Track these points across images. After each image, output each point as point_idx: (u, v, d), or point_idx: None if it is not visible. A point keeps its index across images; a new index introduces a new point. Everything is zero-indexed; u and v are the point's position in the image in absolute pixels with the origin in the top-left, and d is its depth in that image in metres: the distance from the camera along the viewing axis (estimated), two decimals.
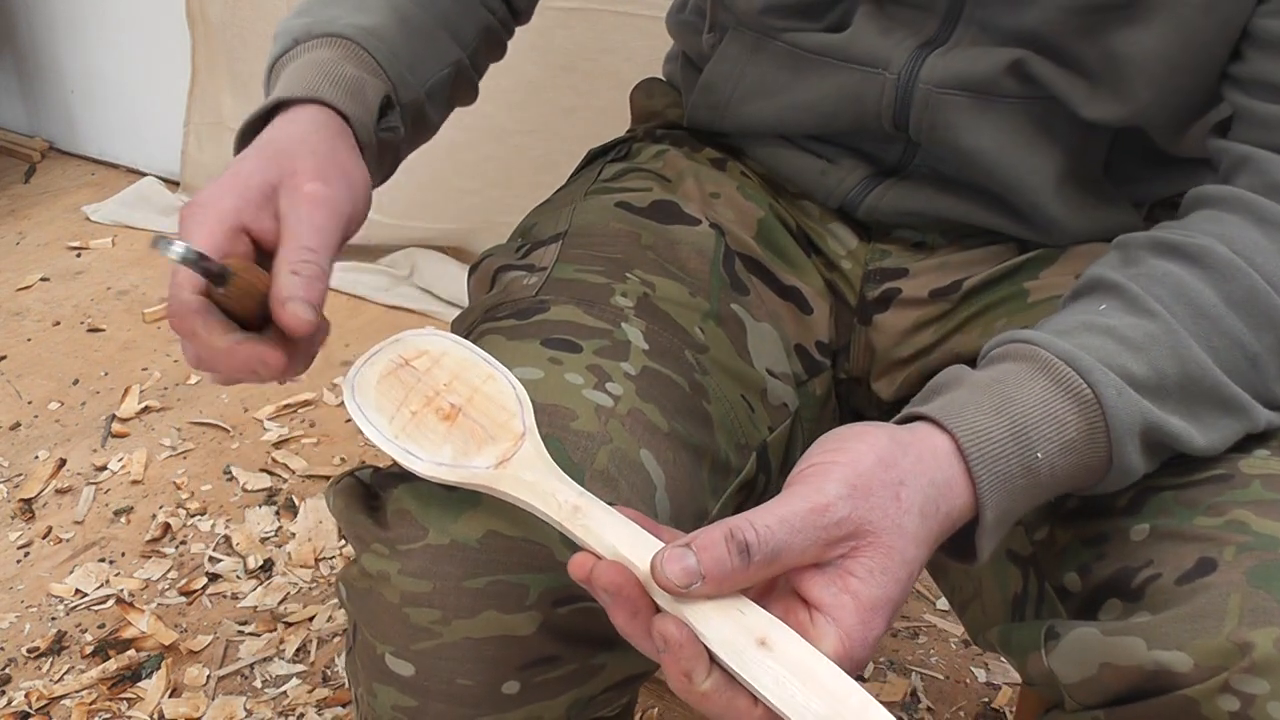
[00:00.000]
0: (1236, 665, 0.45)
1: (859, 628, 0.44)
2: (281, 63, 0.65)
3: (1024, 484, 0.49)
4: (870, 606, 0.44)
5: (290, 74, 0.63)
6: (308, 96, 0.61)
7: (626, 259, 0.69)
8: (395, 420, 0.51)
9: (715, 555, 0.43)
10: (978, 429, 0.49)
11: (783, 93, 0.73)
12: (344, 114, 0.61)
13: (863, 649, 0.44)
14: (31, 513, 1.39)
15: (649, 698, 1.05)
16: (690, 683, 0.43)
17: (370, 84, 0.64)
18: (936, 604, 1.30)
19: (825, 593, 0.45)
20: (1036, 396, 0.50)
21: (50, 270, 1.93)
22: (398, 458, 0.50)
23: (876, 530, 0.45)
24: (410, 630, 0.54)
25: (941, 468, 0.48)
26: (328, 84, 0.62)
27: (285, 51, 0.65)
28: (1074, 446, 0.50)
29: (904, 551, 0.46)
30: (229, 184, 0.55)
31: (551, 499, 0.47)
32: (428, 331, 0.55)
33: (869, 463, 0.46)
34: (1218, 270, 0.54)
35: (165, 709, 1.14)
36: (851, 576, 0.45)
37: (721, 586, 0.43)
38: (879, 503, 0.46)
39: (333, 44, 0.64)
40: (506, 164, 1.75)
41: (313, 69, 0.62)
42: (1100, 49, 0.63)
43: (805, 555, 0.45)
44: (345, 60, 0.64)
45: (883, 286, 0.75)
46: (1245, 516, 0.50)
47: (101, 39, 2.16)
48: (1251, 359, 0.54)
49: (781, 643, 0.43)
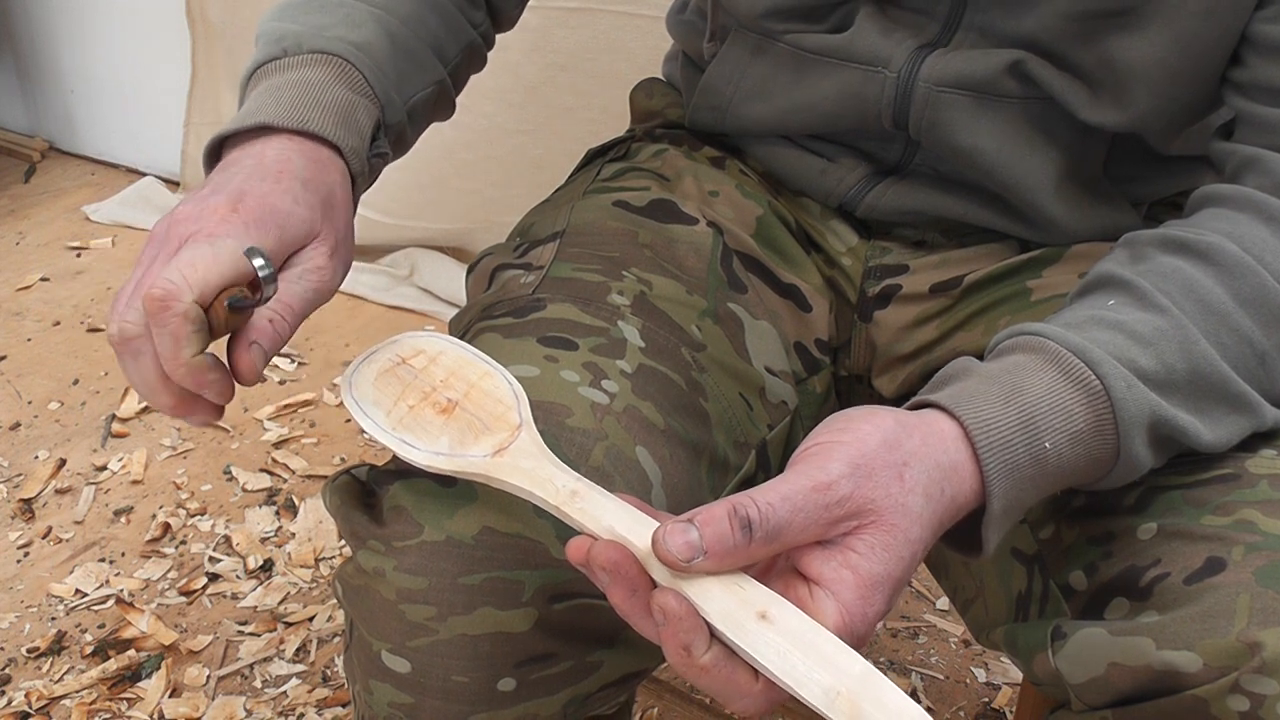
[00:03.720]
0: (1246, 665, 0.45)
1: (858, 603, 0.44)
2: (266, 71, 0.63)
3: (1031, 474, 0.49)
4: (870, 582, 0.44)
5: (279, 91, 0.60)
6: (306, 130, 0.58)
7: (624, 258, 0.69)
8: (392, 414, 0.52)
9: (718, 530, 0.43)
10: (986, 418, 0.49)
11: (784, 93, 0.73)
12: (338, 147, 0.60)
13: (863, 624, 0.44)
14: (31, 513, 1.39)
15: (649, 698, 1.05)
16: (690, 656, 0.43)
17: (362, 107, 0.62)
18: (936, 604, 1.29)
19: (825, 568, 0.44)
20: (1045, 387, 0.50)
21: (50, 270, 1.92)
22: (395, 448, 0.51)
23: (880, 509, 0.45)
24: (406, 627, 0.53)
25: (947, 451, 0.48)
26: (327, 115, 0.60)
27: (271, 59, 0.63)
28: (1082, 438, 0.50)
29: (907, 531, 0.45)
30: (273, 214, 0.54)
31: (549, 484, 0.48)
32: (424, 333, 0.55)
33: (873, 443, 0.46)
34: (1227, 267, 0.54)
35: (165, 709, 1.13)
36: (852, 552, 0.44)
37: (723, 562, 0.43)
38: (882, 482, 0.45)
39: (325, 63, 0.62)
40: (506, 164, 1.75)
41: (302, 91, 0.60)
42: (1098, 55, 0.63)
43: (807, 533, 0.44)
44: (337, 81, 0.62)
45: (883, 283, 0.74)
46: (1253, 516, 0.50)
47: (101, 39, 2.16)
48: (1260, 356, 0.54)
49: (782, 616, 0.43)
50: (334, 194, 0.58)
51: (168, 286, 0.50)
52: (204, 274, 0.51)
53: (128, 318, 0.51)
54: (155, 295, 0.50)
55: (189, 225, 0.53)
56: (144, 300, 0.50)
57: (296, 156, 0.57)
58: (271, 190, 0.55)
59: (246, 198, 0.54)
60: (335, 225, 0.58)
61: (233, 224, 0.53)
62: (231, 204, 0.54)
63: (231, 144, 0.60)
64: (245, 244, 0.52)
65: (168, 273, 0.51)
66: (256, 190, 0.55)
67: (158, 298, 0.50)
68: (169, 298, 0.50)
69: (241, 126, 0.59)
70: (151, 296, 0.50)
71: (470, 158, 1.76)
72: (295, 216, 0.55)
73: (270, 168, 0.56)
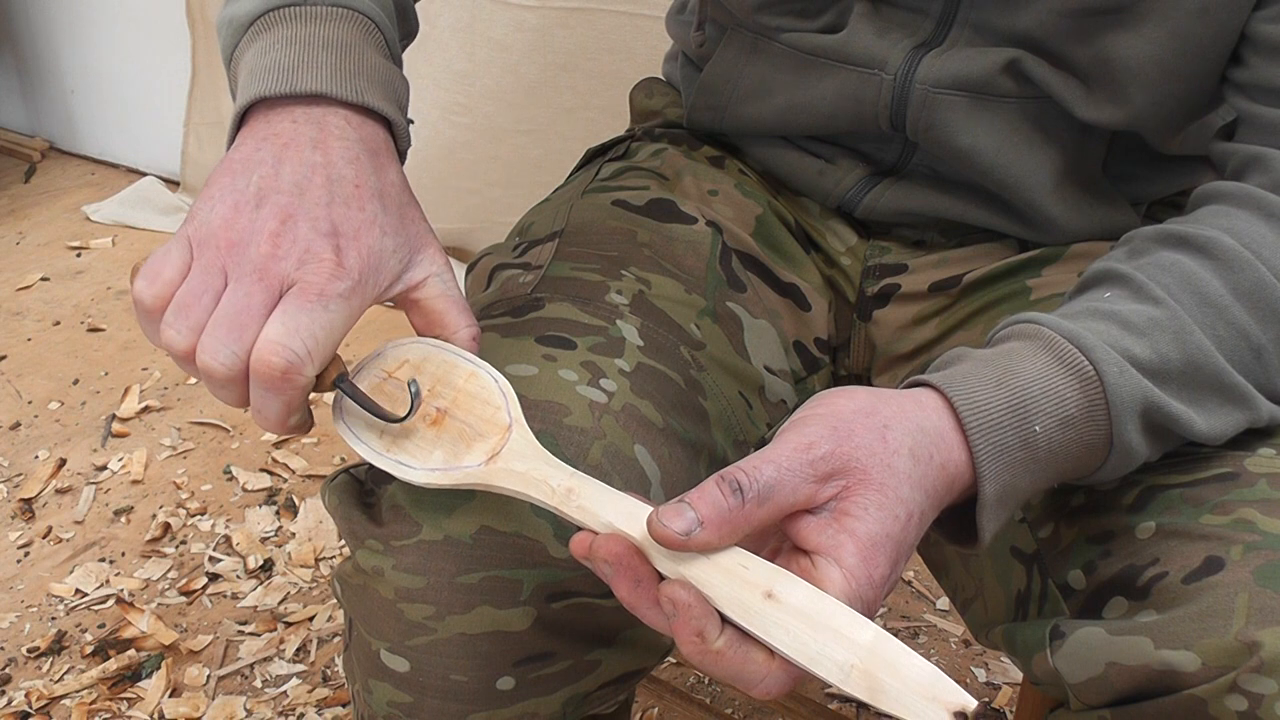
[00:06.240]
0: (1244, 665, 0.45)
1: (861, 566, 0.44)
2: (281, 17, 0.54)
3: (1022, 456, 0.49)
4: (870, 543, 0.44)
5: (310, 48, 0.53)
6: (363, 104, 0.53)
7: (622, 257, 0.69)
8: (385, 435, 0.51)
9: (710, 498, 0.43)
10: (977, 401, 0.49)
11: (781, 93, 0.73)
12: (390, 123, 0.55)
13: (870, 588, 0.44)
14: (31, 513, 1.39)
15: (649, 698, 1.05)
16: (704, 642, 0.43)
17: (397, 77, 0.57)
18: (936, 604, 1.29)
19: (823, 537, 0.44)
20: (1037, 371, 0.50)
21: (50, 270, 1.93)
22: (392, 471, 0.51)
23: (865, 467, 0.45)
24: (405, 626, 0.53)
25: (929, 416, 0.48)
26: (375, 86, 0.54)
27: (288, 3, 0.55)
28: (1073, 422, 0.50)
29: (897, 489, 0.45)
30: (373, 261, 0.50)
31: (544, 485, 0.47)
32: (406, 340, 0.54)
33: (850, 410, 0.47)
34: (1225, 261, 0.54)
35: (165, 709, 1.13)
36: (847, 516, 0.45)
37: (720, 530, 0.43)
38: (864, 442, 0.46)
39: (349, 20, 0.55)
40: (506, 164, 1.75)
41: (341, 53, 0.53)
42: (1094, 53, 0.63)
43: (798, 493, 0.44)
44: (366, 43, 0.55)
45: (882, 282, 0.74)
46: (1252, 515, 0.50)
47: (101, 39, 2.16)
48: (1256, 350, 0.54)
49: (788, 591, 0.43)
50: (402, 195, 0.53)
51: (291, 359, 0.47)
52: (325, 350, 0.48)
53: (219, 358, 0.47)
54: (276, 365, 0.47)
55: (282, 258, 0.48)
56: (259, 364, 0.47)
57: (363, 153, 0.52)
58: (360, 225, 0.50)
59: (342, 238, 0.49)
60: (414, 230, 0.53)
61: (342, 281, 0.48)
62: (333, 247, 0.49)
63: (271, 104, 0.53)
64: (356, 308, 0.49)
65: (289, 339, 0.47)
66: (347, 225, 0.50)
67: (280, 369, 0.47)
68: (293, 371, 0.47)
69: (294, 91, 0.52)
70: (271, 366, 0.47)
71: (470, 158, 1.76)
72: (387, 252, 0.51)
73: (345, 176, 0.51)
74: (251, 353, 0.47)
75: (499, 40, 1.67)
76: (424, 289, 0.53)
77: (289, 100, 0.52)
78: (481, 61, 1.69)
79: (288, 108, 0.52)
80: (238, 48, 0.56)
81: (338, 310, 0.48)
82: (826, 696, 1.14)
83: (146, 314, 0.49)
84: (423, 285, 0.53)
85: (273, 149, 0.51)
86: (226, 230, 0.49)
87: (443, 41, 1.70)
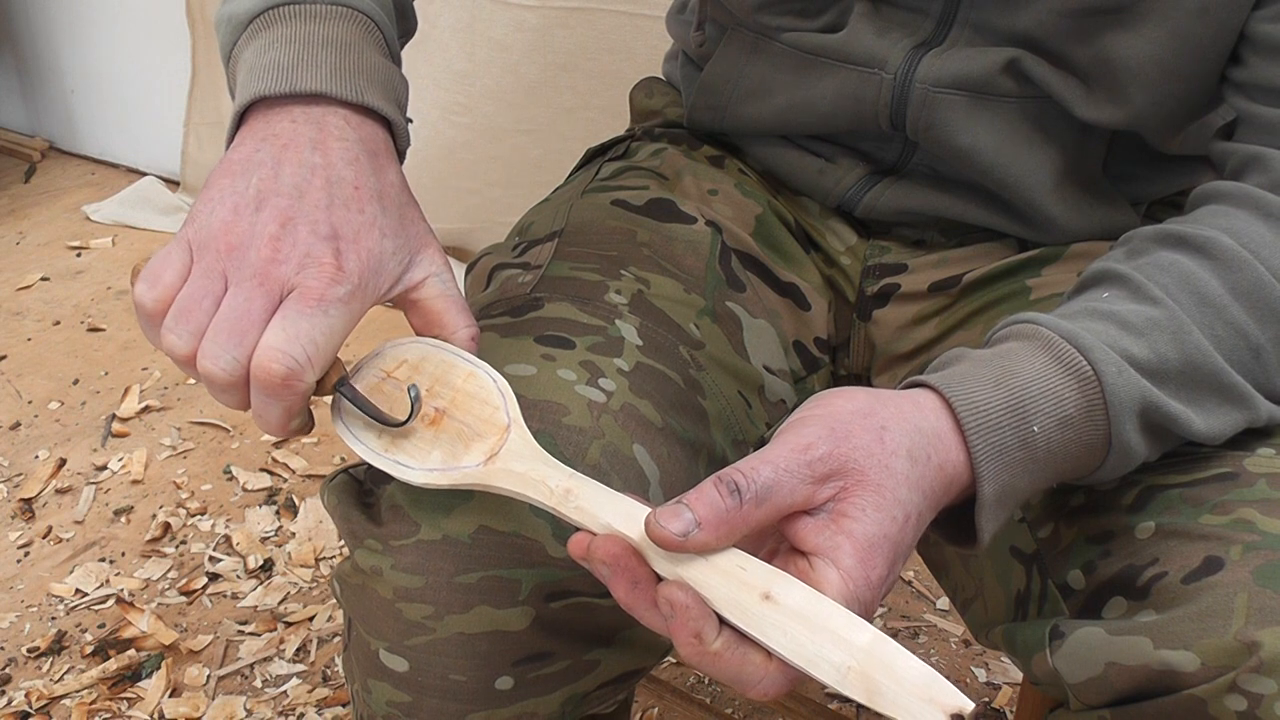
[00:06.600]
0: (1244, 665, 0.45)
1: (859, 567, 0.44)
2: (280, 15, 0.54)
3: (1021, 456, 0.49)
4: (867, 545, 0.44)
5: (309, 47, 0.53)
6: (363, 104, 0.52)
7: (622, 256, 0.69)
8: (383, 435, 0.51)
9: (708, 499, 0.43)
10: (976, 401, 0.49)
11: (782, 93, 0.73)
12: (390, 123, 0.55)
13: (867, 589, 0.44)
14: (31, 512, 1.39)
15: (649, 698, 1.05)
16: (701, 643, 0.43)
17: (397, 77, 0.57)
18: (937, 604, 1.29)
19: (820, 537, 0.44)
20: (1035, 371, 0.50)
21: (50, 270, 1.93)
22: (390, 471, 0.50)
23: (863, 468, 0.45)
24: (403, 626, 0.53)
25: (926, 417, 0.48)
26: (375, 86, 0.53)
27: (275, 4, 0.55)
28: (1071, 422, 0.50)
29: (895, 490, 0.45)
30: (373, 263, 0.50)
31: (542, 485, 0.47)
32: (404, 339, 0.54)
33: (847, 411, 0.47)
34: (1223, 261, 0.54)
35: (165, 709, 1.13)
36: (844, 517, 0.45)
37: (718, 531, 0.43)
38: (861, 443, 0.46)
39: (349, 18, 0.55)
40: (506, 164, 1.75)
41: (340, 52, 0.53)
42: (1093, 52, 0.63)
43: (795, 494, 0.44)
44: (366, 42, 0.55)
45: (882, 282, 0.74)
46: (1252, 515, 0.50)
47: (101, 39, 2.16)
48: (1254, 350, 0.54)
49: (785, 593, 0.43)
50: (401, 195, 0.53)
51: (292, 366, 0.47)
52: (326, 355, 0.48)
53: (220, 364, 0.47)
54: (277, 372, 0.47)
55: (282, 262, 0.48)
56: (260, 370, 0.47)
57: (362, 154, 0.52)
58: (360, 227, 0.50)
59: (342, 241, 0.49)
60: (414, 231, 0.53)
61: (342, 286, 0.48)
62: (332, 250, 0.49)
63: (270, 103, 0.52)
64: (356, 311, 0.49)
65: (290, 346, 0.47)
66: (347, 228, 0.50)
67: (281, 376, 0.47)
68: (293, 378, 0.47)
69: (293, 90, 0.52)
70: (272, 373, 0.47)
71: (470, 158, 1.76)
72: (387, 254, 0.51)
73: (344, 178, 0.50)
74: (252, 359, 0.47)
75: (499, 40, 1.67)
76: (423, 289, 0.53)
77: (288, 99, 0.52)
78: (481, 61, 1.69)
79: (287, 107, 0.52)
80: (236, 45, 0.56)
81: (338, 315, 0.48)
82: (826, 697, 1.13)
83: (148, 318, 0.49)
84: (422, 285, 0.53)
85: (272, 150, 0.51)
86: (226, 234, 0.48)
87: (443, 41, 1.70)
